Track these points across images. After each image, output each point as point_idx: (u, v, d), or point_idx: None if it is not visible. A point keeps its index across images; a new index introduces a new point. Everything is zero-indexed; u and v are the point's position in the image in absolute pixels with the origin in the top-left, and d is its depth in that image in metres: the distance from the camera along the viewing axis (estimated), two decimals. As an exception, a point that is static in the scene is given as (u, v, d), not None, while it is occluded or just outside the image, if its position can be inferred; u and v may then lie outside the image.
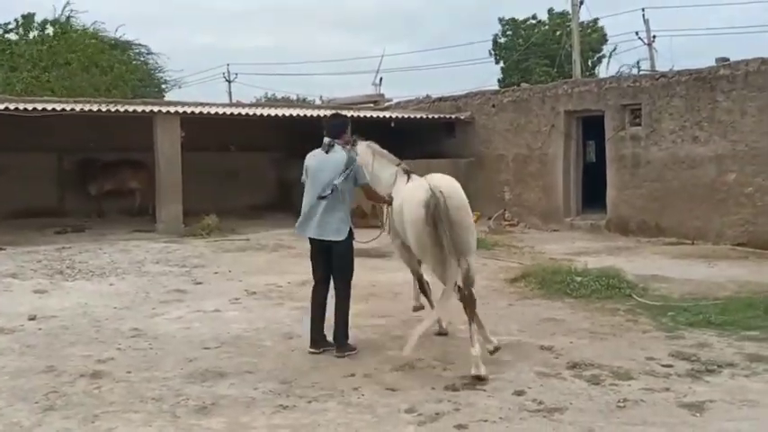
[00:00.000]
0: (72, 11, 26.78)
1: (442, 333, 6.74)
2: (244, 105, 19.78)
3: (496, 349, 5.90)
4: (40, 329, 7.09)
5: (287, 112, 17.37)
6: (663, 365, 5.79)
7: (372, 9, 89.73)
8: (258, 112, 16.54)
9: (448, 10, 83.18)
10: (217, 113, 15.82)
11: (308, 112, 17.46)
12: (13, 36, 25.67)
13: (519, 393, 5.16)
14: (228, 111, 16.40)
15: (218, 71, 50.11)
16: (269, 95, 44.33)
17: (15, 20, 25.83)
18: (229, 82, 44.91)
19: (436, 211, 5.65)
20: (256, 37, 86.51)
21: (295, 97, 41.31)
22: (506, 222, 16.34)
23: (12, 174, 16.20)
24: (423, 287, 6.88)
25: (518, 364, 5.89)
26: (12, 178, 16.21)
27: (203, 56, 77.67)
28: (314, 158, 6.40)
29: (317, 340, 6.25)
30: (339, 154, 6.32)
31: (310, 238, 6.37)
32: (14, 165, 16.27)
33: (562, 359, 5.98)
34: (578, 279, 8.79)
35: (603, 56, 38.37)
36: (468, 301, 5.79)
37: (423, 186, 5.97)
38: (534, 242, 13.55)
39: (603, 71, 35.41)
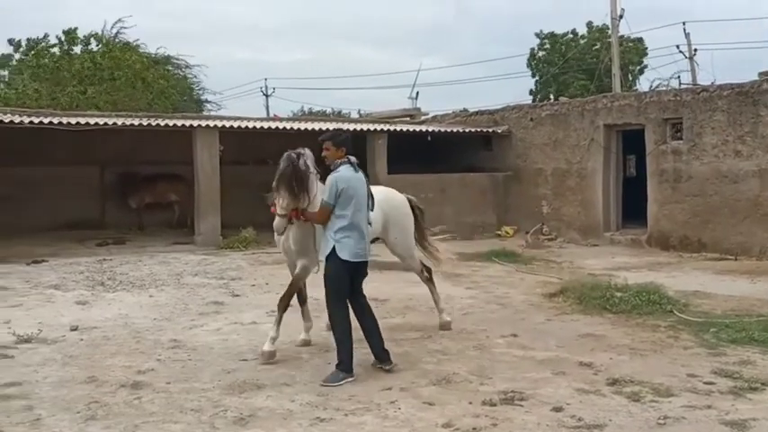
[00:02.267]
0: (121, 27, 27.46)
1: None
2: (281, 119, 20.01)
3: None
4: (81, 340, 7.21)
5: (323, 125, 17.48)
6: (705, 383, 5.67)
7: (408, 23, 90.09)
8: (295, 126, 16.70)
9: (483, 24, 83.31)
10: (255, 127, 16.01)
11: (344, 126, 17.55)
12: (56, 51, 26.29)
13: (557, 409, 5.08)
14: (266, 125, 16.59)
15: (256, 86, 50.77)
16: (305, 109, 44.73)
17: (57, 36, 26.55)
18: (267, 96, 45.44)
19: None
20: (293, 51, 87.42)
21: (330, 111, 41.64)
22: (544, 237, 16.20)
23: (55, 186, 16.56)
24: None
25: (556, 379, 5.81)
26: (55, 191, 16.55)
27: (241, 71, 78.73)
28: (348, 180, 5.93)
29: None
30: (360, 172, 6.13)
31: (350, 262, 5.98)
32: (58, 177, 16.64)
33: (602, 375, 5.89)
34: (618, 294, 8.66)
35: (643, 69, 37.99)
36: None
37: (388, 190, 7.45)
38: (573, 257, 13.40)
39: (644, 85, 35.05)
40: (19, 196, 15.42)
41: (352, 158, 6.09)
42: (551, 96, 28.18)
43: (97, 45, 26.45)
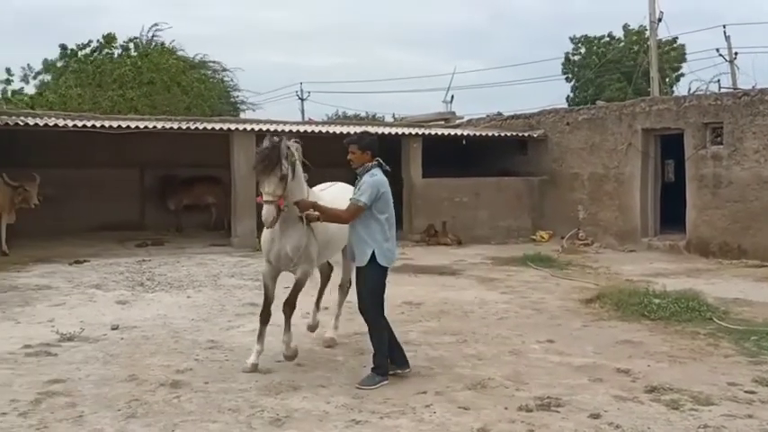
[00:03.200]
0: (157, 30, 27.92)
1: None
2: (315, 123, 20.14)
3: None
4: (122, 339, 7.35)
5: (358, 129, 17.55)
6: (745, 391, 5.58)
7: (442, 27, 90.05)
8: (330, 129, 16.80)
9: (517, 27, 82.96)
10: (291, 131, 16.10)
11: (379, 130, 17.60)
12: (99, 55, 26.85)
13: (595, 416, 5.05)
14: (301, 128, 16.71)
15: (291, 90, 51.13)
16: (340, 113, 44.92)
17: (98, 40, 27.08)
18: (302, 100, 45.74)
19: None
20: (328, 56, 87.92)
21: (365, 115, 41.76)
22: (580, 242, 16.07)
23: (97, 188, 16.89)
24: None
25: (594, 386, 5.77)
26: (96, 193, 16.89)
27: (277, 75, 79.48)
28: (386, 184, 5.96)
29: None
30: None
31: (387, 268, 6.02)
32: (99, 180, 16.97)
33: (640, 382, 5.83)
34: (656, 301, 8.56)
35: (681, 74, 37.46)
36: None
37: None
38: (609, 262, 13.26)
39: (682, 89, 34.53)
40: (62, 198, 15.74)
41: (381, 162, 6.04)
42: (588, 100, 27.95)
43: (136, 49, 26.93)
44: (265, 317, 6.31)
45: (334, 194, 6.51)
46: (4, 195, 13.46)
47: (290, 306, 6.28)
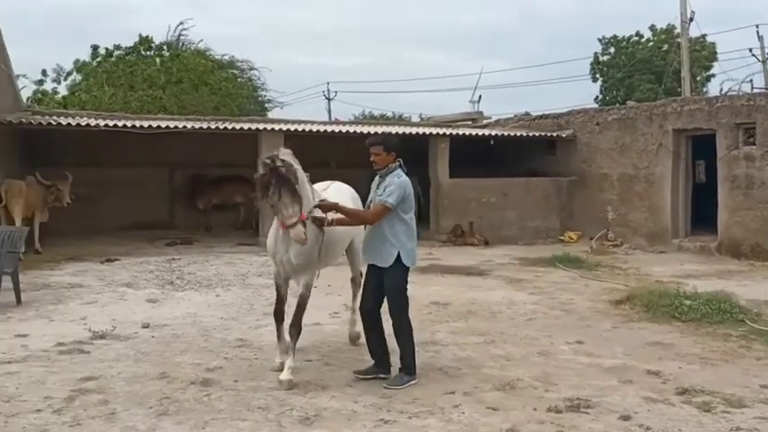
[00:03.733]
0: (183, 29, 28.21)
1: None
2: (342, 123, 20.21)
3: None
4: (153, 337, 7.43)
5: (384, 129, 17.59)
6: (779, 395, 5.50)
7: (468, 27, 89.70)
8: (357, 129, 16.84)
9: (544, 27, 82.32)
10: (318, 131, 16.19)
11: (406, 130, 17.62)
12: (132, 57, 27.22)
13: (625, 418, 5.00)
14: (329, 128, 16.77)
15: (318, 89, 51.28)
16: (366, 113, 44.96)
17: (135, 42, 27.46)
18: (329, 100, 45.85)
19: None
20: (355, 56, 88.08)
21: (392, 115, 41.76)
22: (609, 243, 15.93)
23: (127, 187, 17.11)
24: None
25: (624, 387, 5.72)
26: (127, 192, 17.11)
27: (303, 75, 79.82)
28: (410, 185, 5.91)
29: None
30: None
31: (409, 268, 6.00)
32: (130, 179, 17.19)
33: (670, 384, 5.77)
34: (687, 302, 8.46)
35: (712, 74, 36.93)
36: None
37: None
38: (639, 263, 13.13)
39: (713, 89, 34.06)
40: (93, 197, 15.97)
41: (401, 163, 5.95)
42: (618, 101, 27.67)
43: (168, 51, 27.25)
44: (280, 316, 6.24)
45: (332, 195, 6.34)
46: (37, 194, 13.69)
47: (296, 328, 5.99)
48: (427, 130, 17.72)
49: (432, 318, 8.45)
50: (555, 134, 18.02)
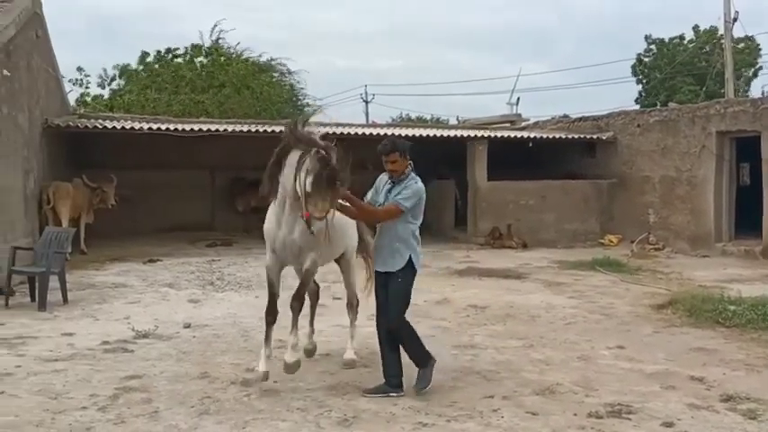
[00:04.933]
0: (221, 31, 28.53)
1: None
2: (380, 126, 20.25)
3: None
4: (194, 337, 7.55)
5: (422, 132, 17.60)
6: (828, 403, 5.36)
7: (505, 28, 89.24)
8: (393, 131, 16.86)
9: (581, 29, 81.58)
10: (355, 133, 16.26)
11: (444, 133, 17.60)
12: (180, 61, 27.69)
13: (668, 425, 4.93)
14: (366, 131, 16.83)
15: (355, 92, 51.44)
16: (404, 116, 44.96)
17: (185, 47, 27.99)
18: (366, 103, 45.98)
19: None
20: (393, 58, 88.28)
21: (430, 117, 41.71)
22: (651, 246, 15.70)
23: (169, 189, 17.38)
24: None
25: (666, 393, 5.64)
26: (169, 194, 17.39)
27: (341, 78, 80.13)
28: (424, 190, 5.74)
29: None
30: None
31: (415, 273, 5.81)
32: (171, 181, 17.46)
33: (714, 391, 5.67)
34: (731, 308, 8.30)
35: (757, 72, 36.16)
36: None
37: None
38: (681, 268, 12.91)
39: (755, 90, 33.34)
40: (136, 199, 16.27)
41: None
42: (659, 103, 27.24)
43: (211, 55, 27.59)
44: (273, 316, 5.94)
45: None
46: (83, 196, 14.01)
47: (298, 302, 5.87)
48: (465, 133, 17.67)
49: (470, 321, 8.43)
50: (595, 136, 17.83)
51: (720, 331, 7.75)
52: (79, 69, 27.58)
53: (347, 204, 5.63)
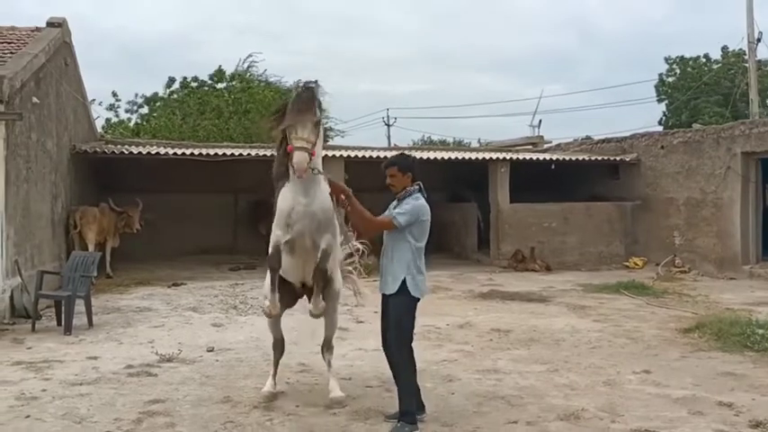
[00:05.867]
0: (253, 61, 28.97)
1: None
2: (402, 148, 20.31)
3: None
4: (217, 361, 7.58)
5: (443, 155, 17.62)
6: None
7: (527, 51, 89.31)
8: (416, 155, 16.88)
9: (603, 51, 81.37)
10: (378, 157, 16.32)
11: (466, 155, 17.60)
12: (203, 90, 28.16)
13: (695, 452, 4.85)
14: (388, 154, 16.86)
15: (378, 116, 51.68)
16: (425, 138, 45.09)
17: (209, 75, 28.47)
18: (389, 126, 46.15)
19: None
20: (415, 82, 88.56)
21: (452, 140, 41.77)
22: (676, 269, 15.52)
23: (193, 213, 17.55)
24: None
25: (693, 419, 5.54)
26: (192, 218, 17.55)
27: (364, 101, 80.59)
28: (429, 212, 5.49)
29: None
30: None
31: (417, 298, 5.48)
32: (195, 205, 17.64)
33: (743, 416, 5.56)
34: (760, 331, 8.17)
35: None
36: None
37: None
38: (708, 290, 12.74)
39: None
40: (160, 223, 16.43)
41: (422, 186, 5.54)
42: (683, 124, 27.03)
43: (239, 83, 28.00)
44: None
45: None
46: (109, 220, 14.19)
47: (321, 273, 5.70)
48: (487, 155, 17.67)
49: (493, 345, 8.37)
50: (618, 158, 17.74)
51: (749, 355, 7.62)
52: (114, 95, 28.15)
53: (347, 199, 5.44)
